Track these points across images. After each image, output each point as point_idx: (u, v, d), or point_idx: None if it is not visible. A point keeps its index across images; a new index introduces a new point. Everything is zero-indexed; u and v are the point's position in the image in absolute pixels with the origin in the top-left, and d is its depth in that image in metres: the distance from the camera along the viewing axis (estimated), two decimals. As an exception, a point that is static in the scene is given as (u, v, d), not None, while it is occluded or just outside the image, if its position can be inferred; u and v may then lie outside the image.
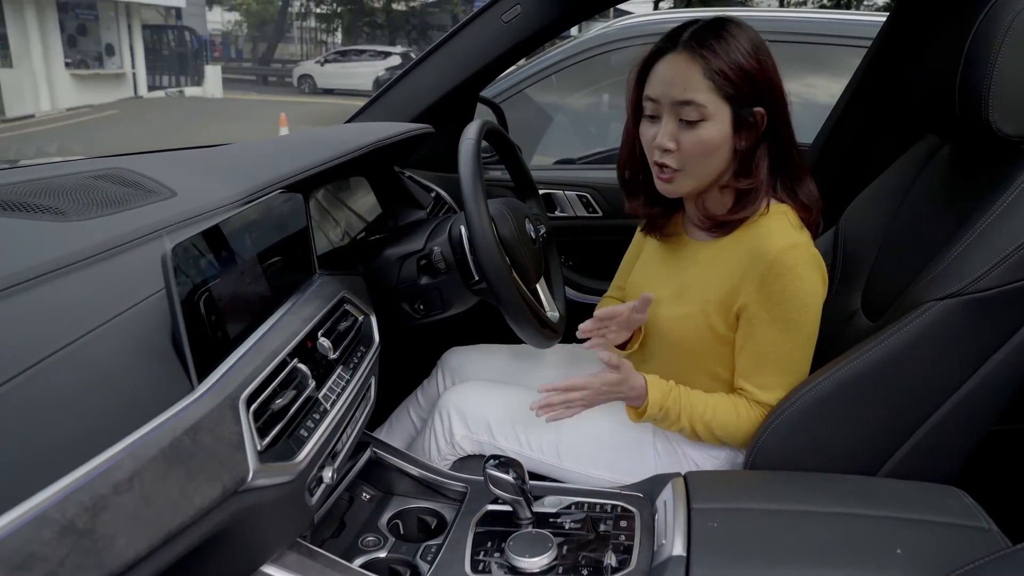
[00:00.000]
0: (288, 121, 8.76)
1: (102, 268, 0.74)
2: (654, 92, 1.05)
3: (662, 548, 0.86)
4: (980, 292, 0.91)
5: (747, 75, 1.01)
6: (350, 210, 1.44)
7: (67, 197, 0.88)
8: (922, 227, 1.16)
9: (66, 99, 13.50)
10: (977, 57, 0.96)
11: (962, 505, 0.89)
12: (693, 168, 1.05)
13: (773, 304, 1.04)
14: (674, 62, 1.03)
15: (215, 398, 0.67)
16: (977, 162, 1.09)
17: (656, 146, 1.05)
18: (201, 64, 17.60)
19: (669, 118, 1.04)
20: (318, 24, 27.23)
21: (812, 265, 1.06)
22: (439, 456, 1.26)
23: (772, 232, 1.05)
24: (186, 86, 16.90)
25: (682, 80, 1.01)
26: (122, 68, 15.58)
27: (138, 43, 15.97)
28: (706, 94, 1.01)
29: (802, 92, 2.66)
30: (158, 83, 16.71)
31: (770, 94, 1.04)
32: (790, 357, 1.07)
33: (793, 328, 1.05)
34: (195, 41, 17.92)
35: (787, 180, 1.10)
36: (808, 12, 2.83)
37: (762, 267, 1.04)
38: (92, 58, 15.21)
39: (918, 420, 0.99)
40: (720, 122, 1.02)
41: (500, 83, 2.48)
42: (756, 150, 1.06)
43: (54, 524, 0.50)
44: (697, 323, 1.12)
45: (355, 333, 1.02)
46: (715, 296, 1.10)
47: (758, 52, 1.02)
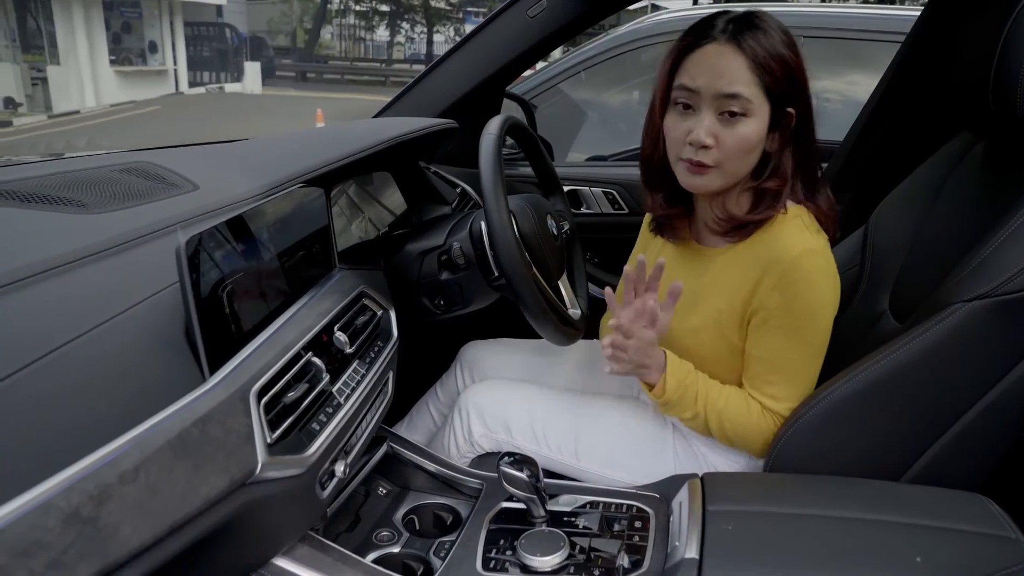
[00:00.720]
0: (324, 117, 8.85)
1: (119, 260, 0.75)
2: (695, 83, 0.99)
3: (675, 550, 0.84)
4: (1010, 294, 0.88)
5: (788, 68, 0.98)
6: (374, 205, 1.45)
7: (90, 190, 0.90)
8: (954, 227, 1.12)
9: (110, 95, 13.87)
10: (1012, 51, 0.93)
11: (987, 513, 0.86)
12: (728, 166, 1.01)
13: (785, 310, 1.01)
14: (717, 52, 0.97)
15: (226, 390, 0.68)
16: (1011, 160, 1.05)
17: (691, 141, 1.00)
18: (241, 60, 17.90)
19: (708, 111, 0.99)
20: (357, 21, 27.49)
21: (826, 273, 1.03)
22: (458, 454, 1.26)
23: (789, 236, 1.02)
24: (226, 82, 17.21)
25: (728, 71, 0.96)
26: (164, 65, 15.94)
27: (180, 40, 16.31)
28: (751, 88, 0.97)
29: (844, 89, 2.61)
30: (199, 79, 17.05)
31: (802, 92, 1.01)
32: (798, 366, 1.04)
33: (803, 336, 1.02)
34: (235, 38, 18.22)
35: (807, 182, 1.07)
36: (850, 7, 2.76)
37: (777, 271, 1.01)
38: (136, 55, 15.59)
39: (944, 425, 0.95)
40: (760, 119, 0.99)
41: (533, 79, 2.47)
42: (784, 150, 1.03)
43: (59, 512, 0.50)
44: (711, 335, 1.10)
45: (373, 328, 1.03)
46: (728, 306, 1.07)
47: (793, 45, 1.00)
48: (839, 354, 1.15)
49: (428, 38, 25.48)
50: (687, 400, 1.07)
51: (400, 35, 26.55)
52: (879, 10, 2.56)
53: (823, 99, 2.69)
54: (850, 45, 2.52)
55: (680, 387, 1.06)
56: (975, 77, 1.00)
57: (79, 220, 0.80)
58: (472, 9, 26.92)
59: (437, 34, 25.98)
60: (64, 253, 0.71)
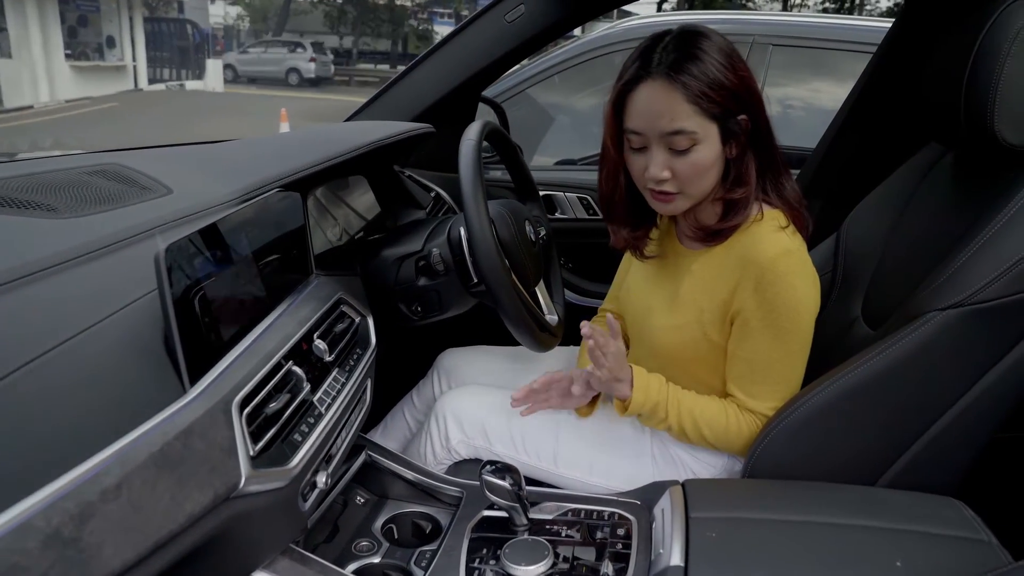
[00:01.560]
0: (289, 116, 8.73)
1: (94, 267, 0.73)
2: (638, 126, 1.01)
3: (659, 557, 0.85)
4: (983, 303, 0.90)
5: (728, 91, 0.98)
6: (349, 209, 1.43)
7: (60, 193, 0.87)
8: (924, 236, 1.15)
9: (65, 91, 13.46)
10: (983, 66, 0.95)
11: (962, 517, 0.89)
12: (691, 189, 1.03)
13: (765, 311, 1.03)
14: (653, 91, 0.98)
15: (207, 402, 0.66)
16: (980, 171, 1.08)
17: (650, 177, 1.03)
18: (202, 58, 17.56)
19: (658, 149, 1.01)
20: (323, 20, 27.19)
21: (804, 273, 1.05)
22: (435, 460, 1.25)
23: (765, 238, 1.04)
24: (187, 80, 16.86)
25: (667, 110, 0.98)
26: (123, 60, 15.53)
27: (139, 35, 15.92)
28: (693, 119, 0.98)
29: (807, 97, 2.66)
30: (159, 76, 16.66)
31: (750, 100, 1.01)
32: (781, 365, 1.06)
33: (784, 336, 1.04)
34: (197, 34, 17.87)
35: (773, 180, 1.08)
36: (812, 17, 2.81)
37: (755, 273, 1.02)
38: (92, 50, 15.16)
39: (918, 431, 0.97)
40: (710, 142, 1.00)
41: (502, 83, 2.47)
42: (744, 156, 1.04)
43: (38, 533, 0.48)
44: (692, 333, 1.11)
45: (351, 335, 1.01)
46: (710, 304, 1.08)
47: (733, 62, 0.99)
48: (813, 360, 1.16)
49: (393, 39, 25.31)
50: (658, 413, 1.10)
51: (365, 35, 26.33)
52: (844, 20, 2.61)
53: (787, 106, 2.75)
54: (814, 54, 2.57)
55: (647, 402, 1.09)
56: (945, 92, 1.03)
57: (50, 225, 0.77)
58: (439, 10, 26.85)
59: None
60: (36, 260, 0.68)
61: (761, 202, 1.07)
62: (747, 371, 1.08)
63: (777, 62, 2.52)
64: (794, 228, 1.07)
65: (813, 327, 1.06)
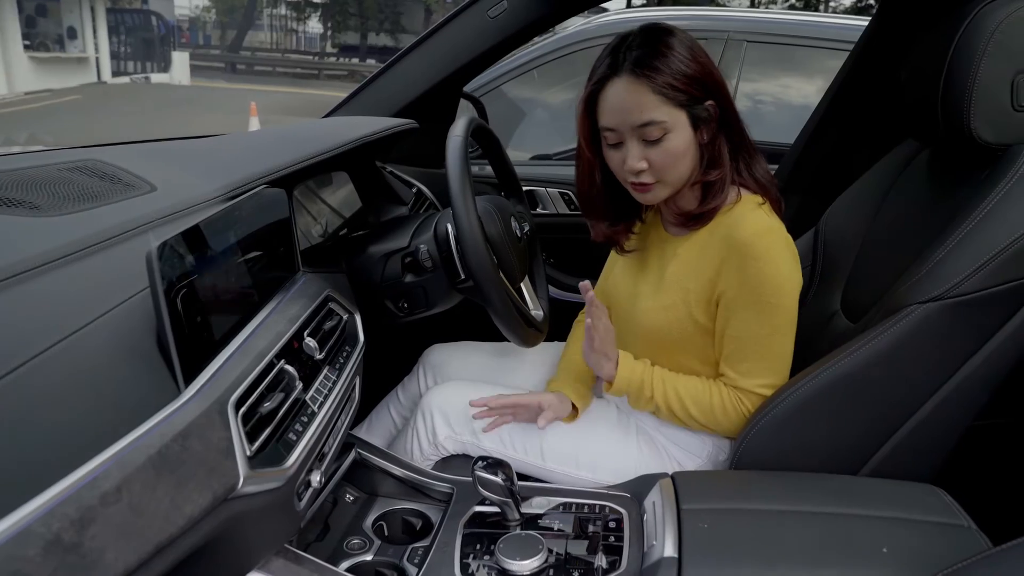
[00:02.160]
0: (259, 110, 8.59)
1: (83, 266, 0.71)
2: (610, 122, 1.05)
3: (652, 549, 0.86)
4: (962, 296, 0.93)
5: (693, 79, 1.02)
6: (331, 206, 1.42)
7: (41, 190, 0.85)
8: (901, 230, 1.18)
9: (24, 83, 13.06)
10: (959, 66, 0.97)
11: (943, 504, 0.91)
12: (668, 176, 1.06)
13: (749, 288, 1.05)
14: (621, 88, 1.03)
15: (203, 402, 0.65)
16: (955, 167, 1.11)
17: (628, 170, 1.06)
18: (168, 50, 17.19)
19: (632, 141, 1.05)
20: (289, 12, 26.84)
21: (785, 249, 1.07)
22: (422, 456, 1.25)
23: (746, 217, 1.07)
24: (152, 72, 16.50)
25: (635, 104, 1.02)
26: (85, 52, 15.13)
27: (102, 26, 15.52)
28: (661, 109, 1.01)
29: (780, 92, 2.69)
30: (123, 69, 16.27)
31: (715, 87, 1.05)
32: (769, 341, 1.08)
33: (770, 312, 1.06)
34: (162, 26, 17.48)
35: (746, 162, 1.11)
36: (786, 14, 2.85)
37: (739, 252, 1.05)
38: (52, 41, 14.74)
39: (899, 420, 1.00)
40: (681, 129, 1.03)
41: (476, 78, 2.46)
42: (716, 140, 1.07)
43: (39, 539, 0.47)
44: (679, 314, 1.13)
45: (340, 332, 1.01)
46: (695, 286, 1.11)
47: (695, 53, 1.04)
48: (796, 353, 1.18)
49: (362, 31, 25.06)
50: (644, 392, 1.13)
51: (335, 26, 26.04)
52: (817, 18, 2.65)
53: (761, 101, 2.78)
54: (788, 50, 2.61)
55: (632, 379, 1.13)
56: (922, 91, 1.05)
57: (34, 223, 0.75)
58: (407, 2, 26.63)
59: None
60: (23, 259, 0.66)
61: (738, 185, 1.10)
62: (736, 348, 1.10)
63: (752, 58, 2.55)
64: (772, 210, 1.10)
65: (797, 304, 1.09)
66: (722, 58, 2.46)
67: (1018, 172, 0.94)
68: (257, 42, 26.29)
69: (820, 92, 2.23)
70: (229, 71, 20.54)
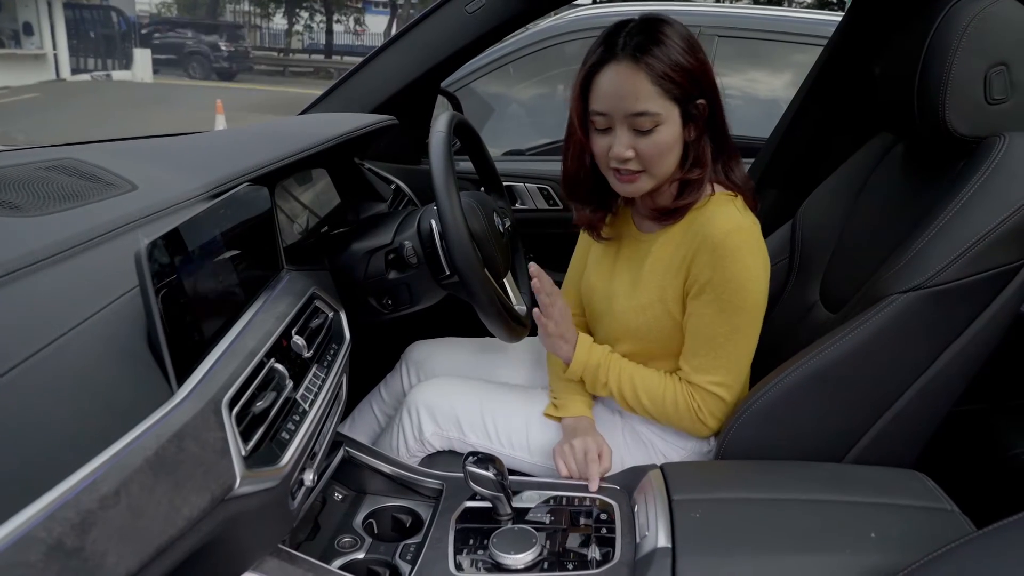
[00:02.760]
0: (225, 108, 8.45)
1: (69, 266, 0.70)
2: (603, 107, 1.04)
3: (645, 540, 0.87)
4: (941, 285, 0.95)
5: (689, 73, 1.02)
6: (311, 203, 1.40)
7: (20, 190, 0.83)
8: (878, 221, 1.20)
9: (-22, 80, 12.70)
10: (934, 61, 1.00)
11: (926, 488, 0.94)
12: (655, 169, 1.06)
13: (714, 285, 1.06)
14: (618, 73, 1.02)
15: (197, 402, 0.64)
16: (930, 159, 1.13)
17: (614, 156, 1.06)
18: (129, 47, 16.80)
19: (623, 129, 1.04)
20: (252, 7, 26.44)
21: (754, 249, 1.08)
22: (408, 453, 1.24)
23: (719, 215, 1.07)
24: (113, 69, 16.12)
25: (631, 92, 1.01)
26: (42, 48, 14.73)
27: (59, 23, 15.12)
28: (656, 100, 1.01)
29: (750, 87, 2.73)
30: (83, 66, 15.87)
31: (708, 86, 1.06)
32: (725, 340, 1.08)
33: (731, 311, 1.06)
34: (122, 22, 17.09)
35: (725, 164, 1.12)
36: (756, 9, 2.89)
37: (709, 247, 1.06)
38: (8, 37, 14.34)
39: (882, 408, 1.02)
40: (672, 123, 1.03)
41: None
42: (702, 139, 1.08)
43: (40, 544, 0.46)
44: (656, 312, 1.14)
45: (327, 330, 1.00)
46: (672, 282, 1.12)
47: (693, 48, 1.04)
48: (776, 344, 1.21)
49: (327, 27, 24.77)
50: (599, 376, 1.15)
51: (298, 24, 25.68)
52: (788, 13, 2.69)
53: (732, 96, 2.81)
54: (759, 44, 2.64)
55: (589, 361, 1.15)
56: (897, 85, 1.08)
57: (16, 224, 0.73)
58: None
59: (337, 24, 25.32)
60: (9, 260, 0.65)
61: (713, 183, 1.11)
62: (691, 343, 1.11)
63: (722, 53, 2.58)
64: (744, 204, 1.11)
65: (763, 307, 1.10)
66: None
67: (993, 164, 0.96)
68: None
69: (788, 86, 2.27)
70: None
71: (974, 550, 0.69)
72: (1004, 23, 0.99)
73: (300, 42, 26.33)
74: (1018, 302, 1.00)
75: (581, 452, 1.09)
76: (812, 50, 2.41)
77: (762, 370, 1.12)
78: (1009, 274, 0.97)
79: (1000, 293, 0.98)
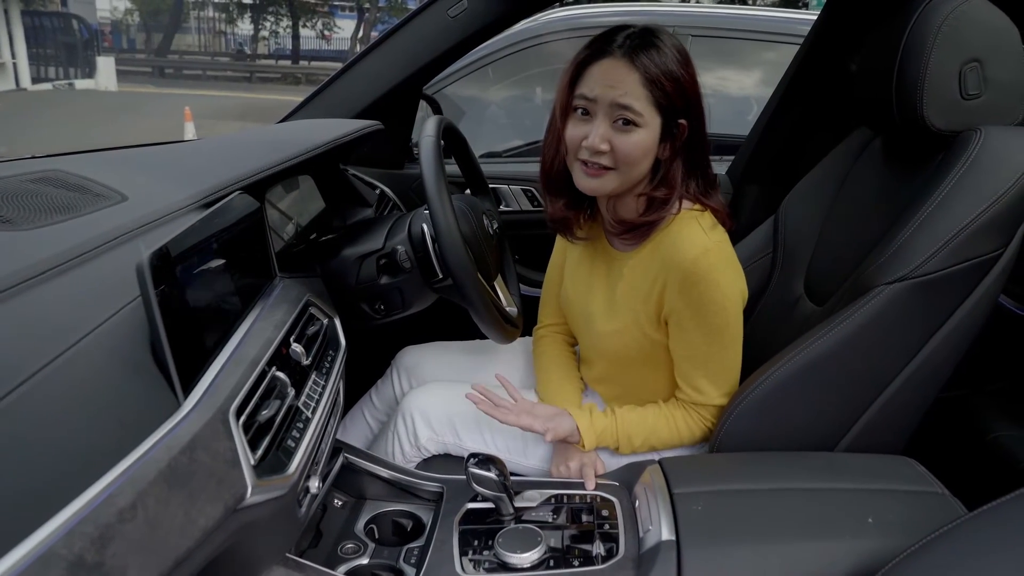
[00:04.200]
0: (193, 115, 8.34)
1: (67, 280, 0.69)
2: (592, 92, 1.04)
3: (649, 534, 0.88)
4: (925, 275, 0.98)
5: (679, 85, 1.03)
6: (298, 210, 1.40)
7: (9, 203, 0.82)
8: (859, 215, 1.23)
9: (-68, 91, 12.36)
10: (910, 58, 1.03)
11: (917, 473, 0.96)
12: (623, 168, 1.06)
13: (694, 311, 1.07)
14: (614, 65, 1.03)
15: (205, 413, 0.64)
16: (908, 153, 1.16)
17: (587, 146, 1.05)
18: (92, 55, 16.48)
19: (603, 119, 1.04)
20: (216, 13, 26.12)
21: (726, 267, 1.08)
22: (403, 459, 1.24)
23: (684, 239, 1.07)
24: (76, 78, 15.80)
25: (622, 84, 1.02)
26: (0, 58, 14.41)
27: (17, 30, 14.76)
28: (642, 102, 1.02)
29: (722, 86, 2.76)
30: (44, 75, 15.53)
31: (695, 104, 1.06)
32: (720, 358, 1.11)
33: (717, 331, 1.09)
34: (84, 30, 16.75)
35: (700, 185, 1.12)
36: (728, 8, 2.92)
37: (678, 276, 1.06)
38: (-37, 47, 14.00)
39: (871, 397, 1.05)
40: (651, 130, 1.04)
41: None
42: (674, 161, 1.08)
43: (62, 561, 0.46)
44: (633, 335, 1.15)
45: (323, 337, 1.00)
46: (643, 307, 1.13)
47: (687, 62, 1.05)
48: (764, 338, 1.23)
49: (294, 32, 24.55)
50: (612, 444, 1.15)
51: (264, 29, 25.42)
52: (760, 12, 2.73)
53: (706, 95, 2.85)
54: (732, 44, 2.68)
55: (597, 435, 1.13)
56: (875, 82, 1.10)
57: (10, 238, 0.72)
58: (339, 3, 26.23)
59: (304, 29, 25.11)
60: (7, 275, 0.64)
61: (681, 200, 1.10)
62: (689, 368, 1.13)
63: (695, 52, 2.61)
64: (713, 220, 1.11)
65: (742, 317, 1.11)
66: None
67: (970, 157, 0.99)
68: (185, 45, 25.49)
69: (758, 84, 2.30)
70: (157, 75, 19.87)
71: (968, 531, 0.71)
72: (975, 22, 1.02)
73: (267, 47, 26.06)
74: (998, 289, 1.03)
75: (577, 472, 1.11)
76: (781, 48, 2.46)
77: (752, 364, 1.14)
78: (989, 263, 1.00)
79: (981, 282, 1.01)
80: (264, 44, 26.02)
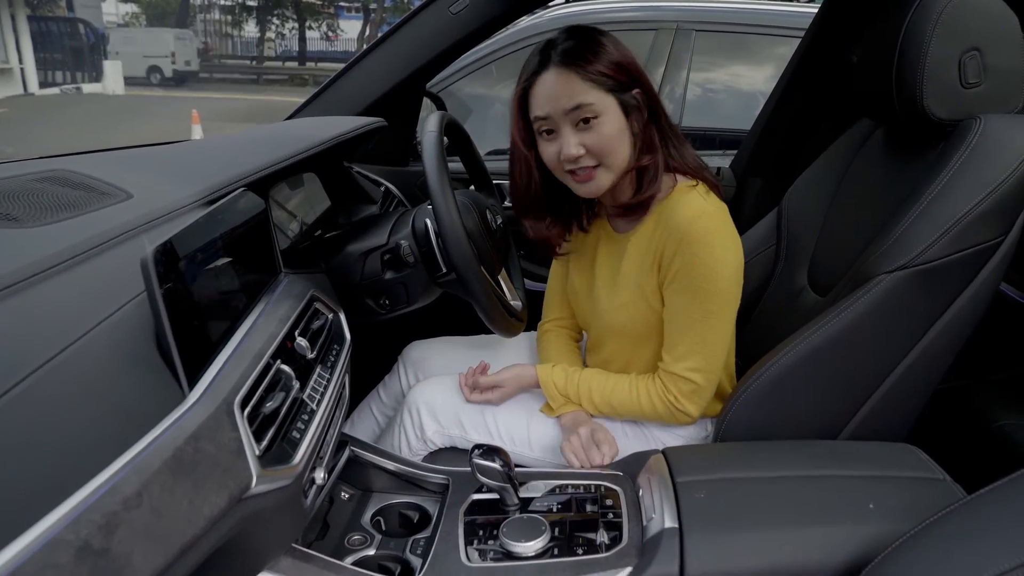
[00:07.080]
0: (201, 118, 8.38)
1: (73, 275, 0.70)
2: (543, 110, 1.07)
3: (652, 522, 0.88)
4: (926, 263, 0.98)
5: (618, 65, 1.05)
6: (302, 207, 1.41)
7: (16, 202, 0.83)
8: (862, 206, 1.23)
9: (-58, 96, 12.46)
10: (910, 48, 1.03)
11: (918, 460, 0.96)
12: (607, 160, 1.07)
13: (685, 272, 1.08)
14: (551, 79, 1.06)
15: (210, 404, 0.65)
16: (909, 143, 1.16)
17: (564, 158, 1.07)
18: (99, 58, 16.58)
19: (566, 127, 1.06)
20: (222, 16, 26.23)
21: (722, 233, 1.09)
22: (410, 452, 1.26)
23: (682, 203, 1.09)
24: (83, 82, 15.90)
25: (565, 91, 1.04)
26: (7, 63, 14.49)
27: (24, 36, 14.86)
28: (591, 93, 1.04)
29: (729, 80, 2.76)
30: (51, 79, 15.64)
31: (638, 76, 1.08)
32: (700, 326, 1.10)
33: (703, 296, 1.08)
34: (90, 34, 16.87)
35: (675, 148, 1.14)
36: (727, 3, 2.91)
37: (677, 237, 1.07)
38: (-31, 52, 14.11)
39: (873, 386, 1.05)
40: (612, 113, 1.06)
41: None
42: (648, 128, 1.10)
43: (69, 547, 0.47)
44: (639, 308, 1.16)
45: (328, 331, 1.01)
46: (647, 277, 1.14)
47: (618, 46, 1.07)
48: (768, 328, 1.23)
49: (300, 34, 24.64)
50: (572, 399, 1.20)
51: (270, 31, 25.50)
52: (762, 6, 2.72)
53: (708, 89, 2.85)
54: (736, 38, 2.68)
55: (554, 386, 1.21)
56: (875, 73, 1.11)
57: (17, 235, 0.74)
58: (344, 4, 26.30)
59: (310, 30, 25.18)
60: (14, 271, 0.65)
61: (673, 172, 1.13)
62: (671, 331, 1.13)
63: (701, 47, 2.61)
64: (706, 190, 1.12)
65: (736, 291, 1.11)
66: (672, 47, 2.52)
67: (970, 145, 0.99)
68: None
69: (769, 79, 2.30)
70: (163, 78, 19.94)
71: (966, 513, 0.71)
72: (974, 10, 1.02)
73: (273, 49, 26.16)
74: (998, 277, 1.03)
75: (587, 438, 1.12)
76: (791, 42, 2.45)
77: (755, 355, 1.14)
78: (989, 251, 1.00)
79: (981, 270, 1.01)
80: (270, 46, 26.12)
